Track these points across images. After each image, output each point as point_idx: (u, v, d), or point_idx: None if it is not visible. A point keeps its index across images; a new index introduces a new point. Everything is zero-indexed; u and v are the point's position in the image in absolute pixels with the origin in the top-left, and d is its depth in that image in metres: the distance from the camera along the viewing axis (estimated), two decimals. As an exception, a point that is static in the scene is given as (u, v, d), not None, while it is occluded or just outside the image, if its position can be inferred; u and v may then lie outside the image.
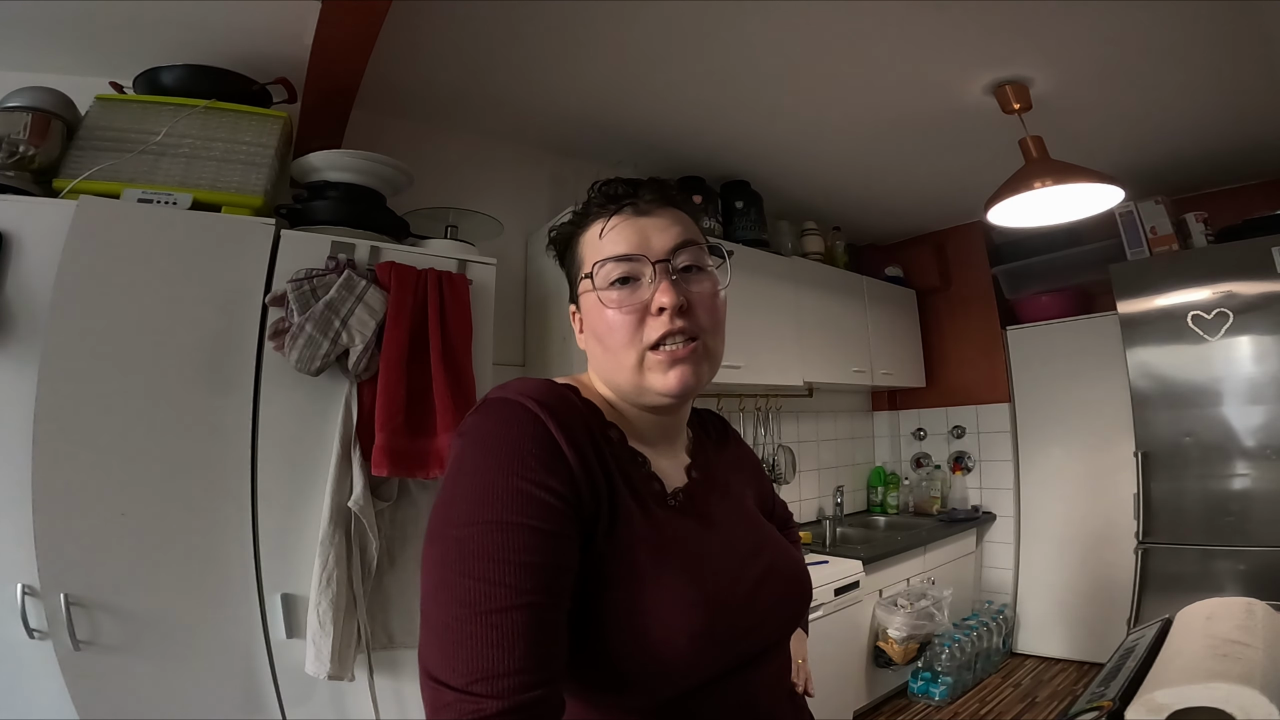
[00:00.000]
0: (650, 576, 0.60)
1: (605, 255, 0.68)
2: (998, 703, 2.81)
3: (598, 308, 0.68)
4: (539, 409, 0.60)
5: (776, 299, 2.85)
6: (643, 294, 0.66)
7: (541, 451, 0.57)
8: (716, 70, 2.03)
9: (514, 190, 2.47)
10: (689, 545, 0.65)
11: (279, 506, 1.42)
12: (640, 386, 0.68)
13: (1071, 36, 1.88)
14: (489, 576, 0.52)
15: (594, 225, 0.71)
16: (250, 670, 1.37)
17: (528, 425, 0.59)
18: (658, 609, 0.58)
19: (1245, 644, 0.77)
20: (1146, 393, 2.65)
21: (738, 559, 0.68)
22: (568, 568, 0.56)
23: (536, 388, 0.63)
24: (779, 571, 0.71)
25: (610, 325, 0.67)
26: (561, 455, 0.58)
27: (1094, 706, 0.74)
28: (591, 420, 0.65)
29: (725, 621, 0.62)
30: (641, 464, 0.68)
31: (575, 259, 0.73)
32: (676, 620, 0.58)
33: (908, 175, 2.98)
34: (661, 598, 0.59)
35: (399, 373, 1.49)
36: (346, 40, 1.53)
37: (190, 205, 1.44)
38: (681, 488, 0.71)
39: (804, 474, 3.42)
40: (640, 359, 0.67)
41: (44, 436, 1.22)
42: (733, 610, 0.63)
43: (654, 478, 0.69)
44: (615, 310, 0.66)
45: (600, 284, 0.67)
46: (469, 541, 0.54)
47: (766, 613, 0.68)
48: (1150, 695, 0.71)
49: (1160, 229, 2.76)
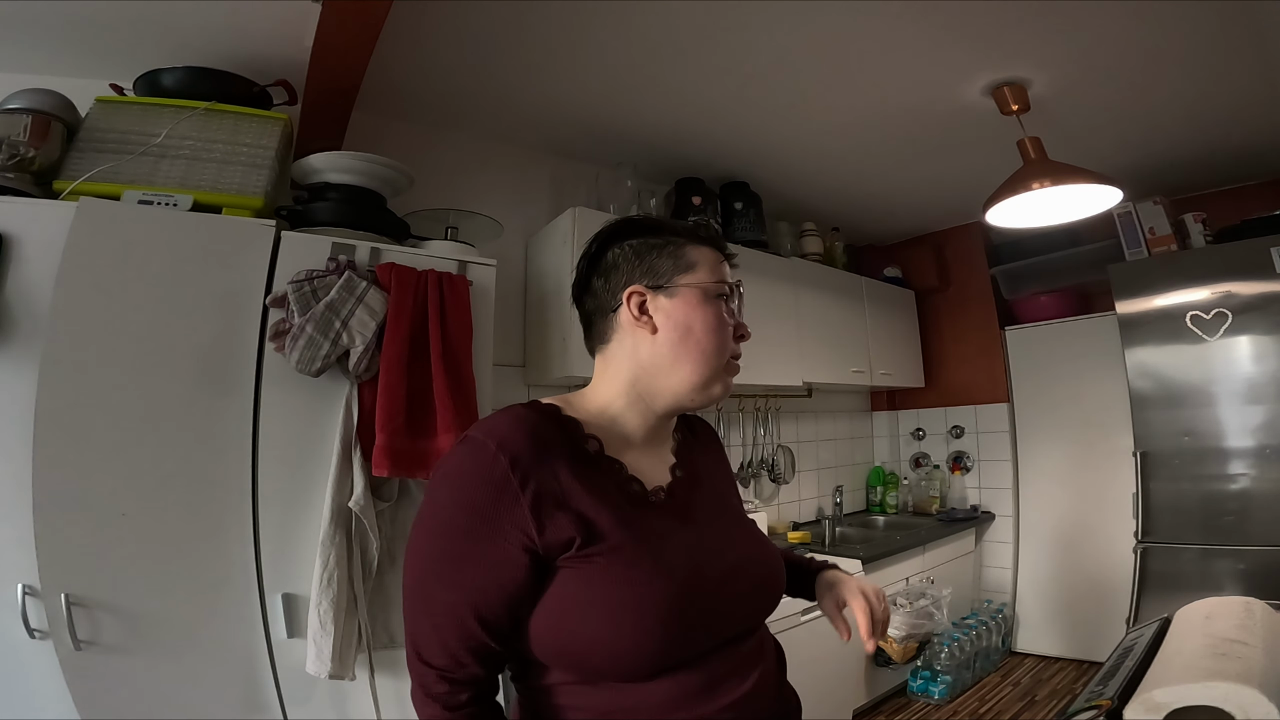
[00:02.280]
0: (626, 570, 0.68)
1: (719, 277, 0.81)
2: (997, 701, 2.81)
3: (710, 306, 0.79)
4: (501, 451, 0.69)
5: (776, 300, 2.85)
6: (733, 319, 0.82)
7: (496, 494, 0.67)
8: (716, 72, 2.03)
9: (514, 192, 2.47)
10: (666, 539, 0.73)
11: (280, 506, 1.43)
12: (710, 385, 0.80)
13: (1070, 38, 1.89)
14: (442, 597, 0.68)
15: (712, 248, 0.83)
16: (251, 670, 1.37)
17: (486, 468, 0.68)
18: (634, 600, 0.67)
19: (1244, 643, 0.78)
20: (1145, 393, 2.66)
21: (714, 550, 0.77)
22: (505, 588, 0.67)
23: (507, 427, 0.72)
24: (755, 561, 0.80)
25: (710, 329, 0.79)
26: (515, 495, 0.67)
27: (1093, 705, 0.74)
28: (568, 439, 0.74)
29: (698, 606, 0.70)
30: (619, 469, 0.76)
31: (680, 257, 0.80)
32: (650, 608, 0.67)
33: (906, 176, 2.98)
34: (636, 591, 0.68)
35: (399, 373, 1.50)
36: (347, 42, 1.53)
37: (191, 207, 1.44)
38: (664, 485, 0.80)
39: (803, 474, 3.42)
40: (724, 365, 0.80)
41: (44, 437, 1.22)
42: (705, 596, 0.71)
43: (632, 480, 0.77)
44: (722, 319, 0.80)
45: (713, 293, 0.80)
46: (430, 561, 0.69)
47: (741, 599, 0.76)
48: (1149, 694, 0.72)
49: (1159, 229, 2.77)
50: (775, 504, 3.27)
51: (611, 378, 0.81)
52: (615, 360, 0.81)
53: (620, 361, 0.81)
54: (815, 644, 2.32)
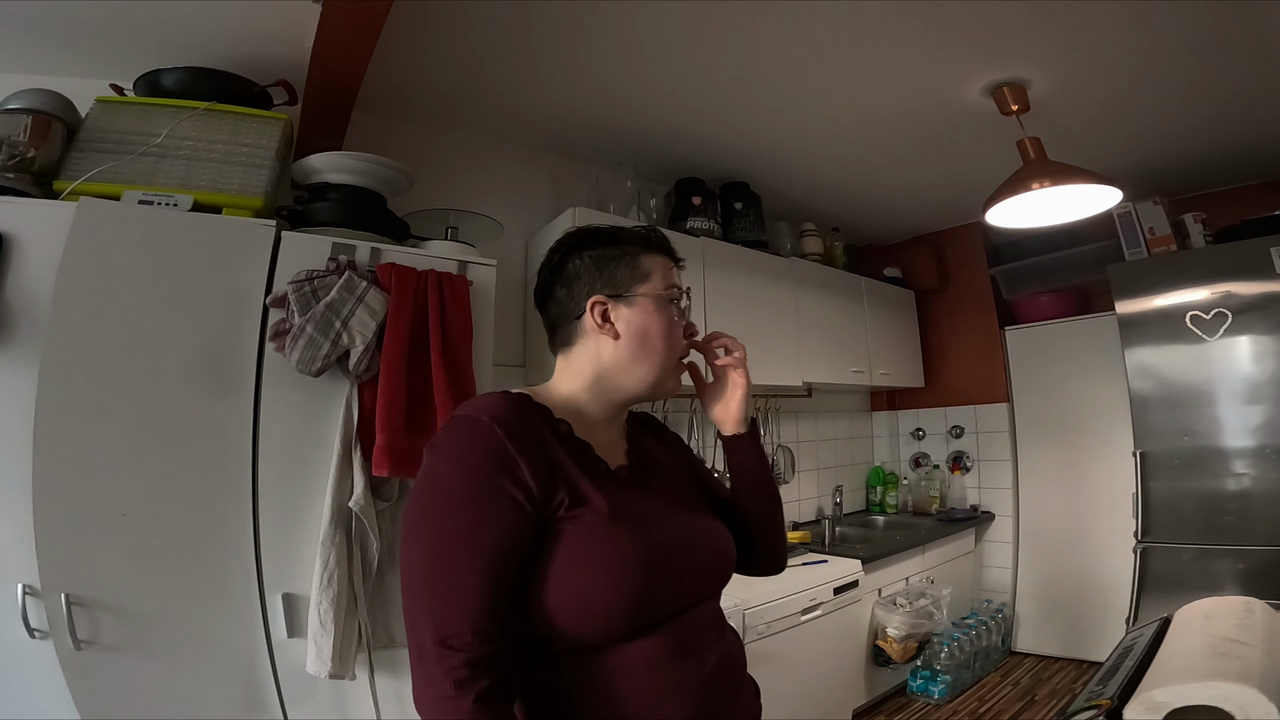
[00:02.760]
0: (611, 530, 0.76)
1: (671, 283, 0.91)
2: (996, 701, 2.82)
3: (663, 313, 0.88)
4: (494, 424, 0.75)
5: (775, 300, 2.85)
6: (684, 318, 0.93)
7: (498, 460, 0.73)
8: (716, 73, 2.03)
9: (514, 192, 2.47)
10: (637, 507, 0.82)
11: (280, 506, 1.43)
12: (664, 380, 0.89)
13: (1069, 38, 1.89)
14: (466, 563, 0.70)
15: (664, 256, 0.92)
16: (251, 670, 1.37)
17: (485, 438, 0.74)
18: (620, 553, 0.75)
19: (1244, 643, 0.78)
20: (1145, 393, 2.66)
21: (674, 520, 0.86)
22: (518, 549, 0.73)
23: (494, 405, 0.78)
24: (711, 533, 0.90)
25: (668, 328, 0.89)
26: (514, 461, 0.74)
27: (1093, 705, 0.74)
28: (542, 420, 0.81)
29: (669, 568, 0.79)
30: (587, 449, 0.84)
31: (636, 267, 0.89)
32: (634, 562, 0.75)
33: (906, 176, 2.98)
34: (621, 545, 0.75)
35: (400, 373, 1.50)
36: (347, 42, 1.53)
37: (191, 207, 1.44)
38: (624, 466, 0.88)
39: (803, 474, 3.42)
40: (675, 363, 0.91)
41: (44, 436, 1.22)
42: (671, 558, 0.80)
43: (599, 459, 0.84)
44: (675, 319, 0.90)
45: (669, 296, 0.90)
46: (441, 536, 0.72)
47: (700, 566, 0.85)
48: (1149, 693, 0.72)
49: (1158, 229, 2.77)
50: (775, 504, 3.26)
51: (575, 375, 0.89)
52: (578, 361, 0.89)
53: (584, 362, 0.89)
54: (815, 644, 2.32)
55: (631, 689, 0.75)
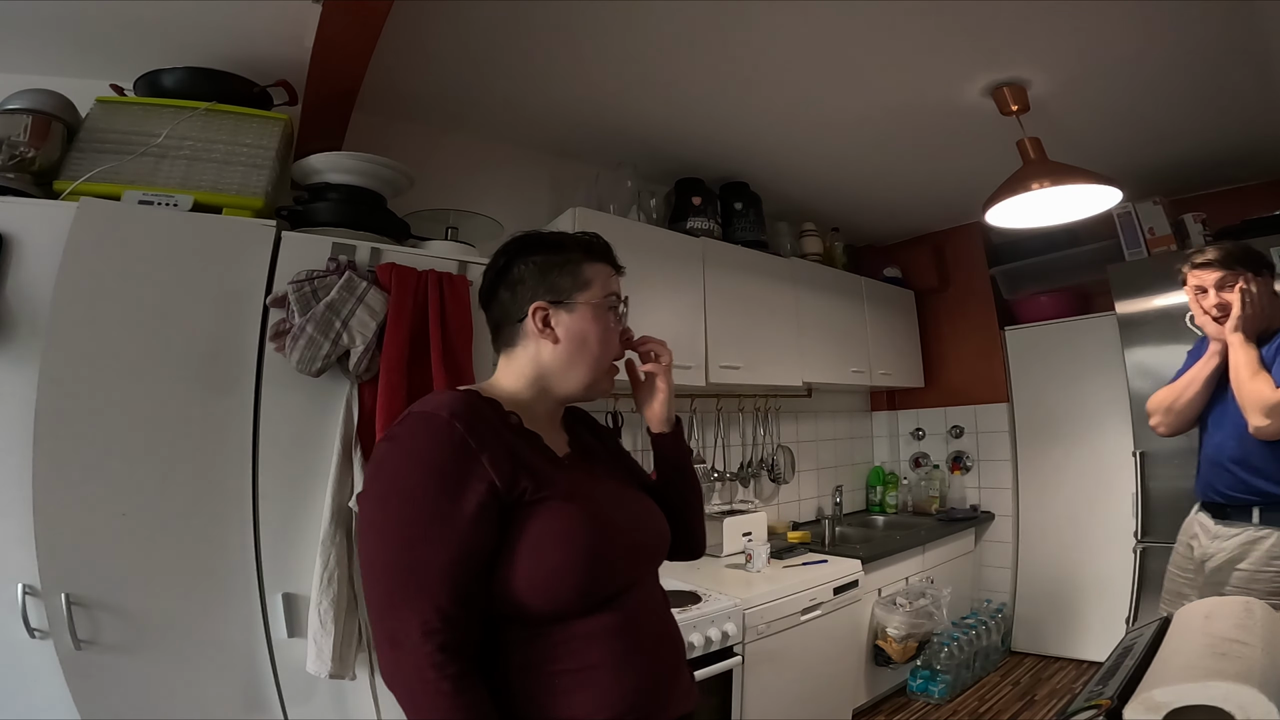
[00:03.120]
0: (571, 512, 0.82)
1: (609, 291, 0.96)
2: (996, 701, 2.82)
3: (601, 321, 0.94)
4: (454, 420, 0.79)
5: (775, 300, 2.85)
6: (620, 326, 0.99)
7: (461, 455, 0.78)
8: (716, 72, 2.03)
9: (514, 192, 2.47)
10: (588, 491, 0.88)
11: (280, 506, 1.43)
12: (598, 380, 0.96)
13: (1069, 38, 1.89)
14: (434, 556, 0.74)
15: (606, 264, 0.97)
16: (251, 669, 1.37)
17: (447, 435, 0.79)
18: (582, 532, 0.81)
19: (1243, 643, 0.78)
20: (1145, 392, 2.63)
21: (617, 503, 0.92)
22: (485, 537, 0.77)
23: (451, 401, 0.82)
24: (649, 513, 0.98)
25: (605, 333, 0.95)
26: (476, 455, 0.78)
27: (1092, 705, 0.74)
28: (496, 412, 0.86)
29: (620, 544, 0.86)
30: (537, 439, 0.90)
31: (578, 275, 0.94)
32: (595, 539, 0.82)
33: (906, 176, 2.98)
34: (582, 525, 0.82)
35: (400, 373, 1.50)
36: (347, 43, 1.53)
37: (191, 207, 1.44)
38: (569, 455, 0.94)
39: (803, 474, 3.42)
40: (609, 366, 0.97)
41: (44, 436, 1.22)
42: (622, 534, 0.87)
43: (547, 448, 0.90)
44: (612, 326, 0.96)
45: (607, 304, 0.95)
46: (408, 527, 0.75)
47: (641, 544, 0.93)
48: (1149, 693, 0.72)
49: (1158, 229, 2.77)
50: (775, 504, 3.27)
51: (516, 374, 0.95)
52: (519, 361, 0.95)
53: (524, 362, 0.94)
54: (815, 644, 2.32)
55: (599, 655, 0.81)
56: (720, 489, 2.96)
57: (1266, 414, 1.55)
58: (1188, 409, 1.83)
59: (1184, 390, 1.83)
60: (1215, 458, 1.75)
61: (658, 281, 2.37)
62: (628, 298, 1.01)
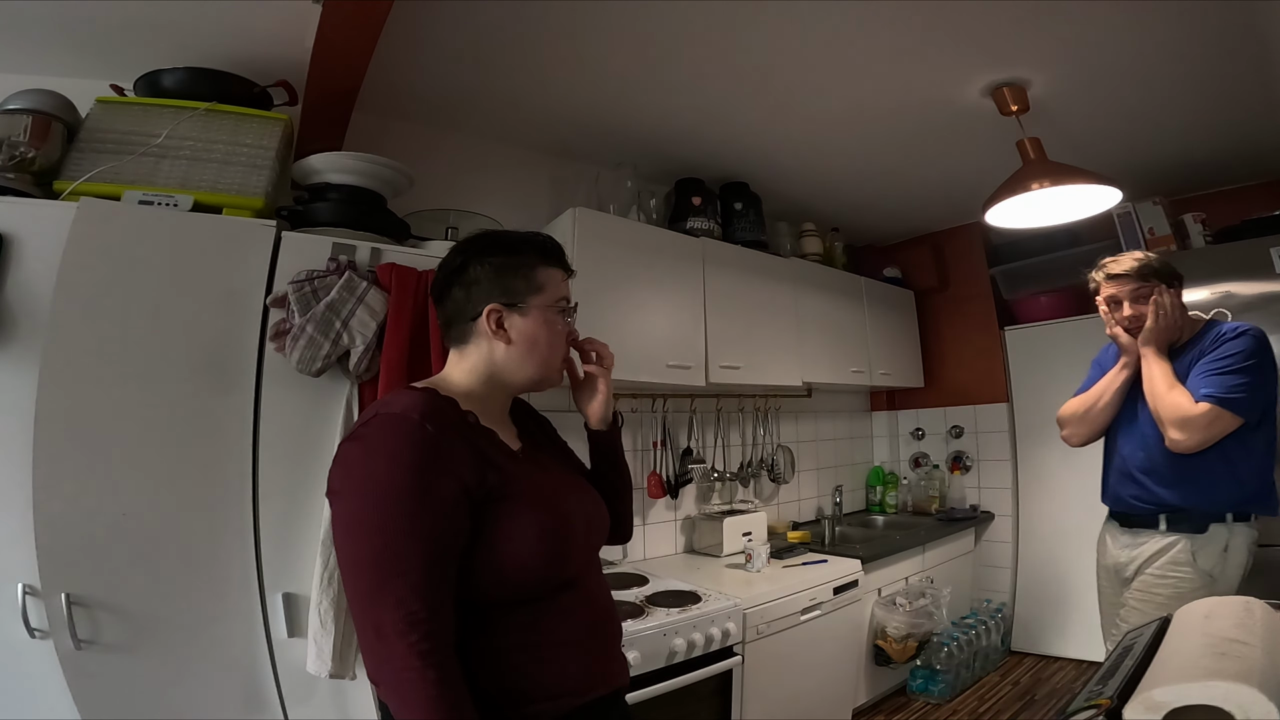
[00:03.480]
0: (530, 499, 0.89)
1: (560, 295, 1.01)
2: (996, 700, 2.82)
3: (551, 324, 0.99)
4: (425, 421, 0.84)
5: (775, 300, 2.85)
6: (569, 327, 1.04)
7: (434, 457, 0.82)
8: (716, 73, 2.03)
9: (514, 192, 2.47)
10: (542, 479, 0.96)
11: (280, 506, 1.43)
12: (548, 376, 1.01)
13: (1069, 39, 1.89)
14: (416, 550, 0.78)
15: (558, 269, 1.02)
16: (252, 669, 1.38)
17: (420, 437, 0.83)
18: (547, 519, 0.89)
19: (1244, 642, 0.78)
20: (1144, 393, 2.65)
21: (566, 492, 0.99)
22: (459, 531, 0.82)
23: (419, 403, 0.86)
24: (592, 499, 1.04)
25: (552, 334, 1.00)
26: (448, 455, 0.84)
27: (1092, 704, 0.74)
28: (456, 411, 0.91)
29: (576, 527, 0.94)
30: (492, 434, 0.94)
31: (532, 280, 0.98)
32: (557, 524, 0.89)
33: (906, 177, 2.98)
34: (545, 512, 0.89)
35: (400, 373, 1.50)
36: (347, 43, 1.53)
37: (191, 207, 1.44)
38: (521, 448, 1.00)
39: (803, 474, 3.42)
40: (558, 363, 1.03)
41: (44, 436, 1.22)
42: (569, 523, 0.93)
43: (503, 444, 0.95)
44: (560, 328, 1.01)
45: (556, 308, 1.00)
46: (389, 522, 0.79)
47: (594, 528, 1.01)
48: (1148, 693, 0.72)
49: (1158, 230, 2.77)
50: (775, 504, 3.27)
51: (469, 371, 0.99)
52: (472, 358, 0.99)
53: (477, 360, 0.98)
54: (815, 644, 2.32)
55: (559, 634, 0.89)
56: (720, 489, 2.96)
57: (1184, 428, 1.55)
58: (1099, 418, 1.85)
59: (1096, 401, 1.85)
60: (1123, 468, 1.76)
61: (658, 281, 2.37)
62: (577, 303, 1.06)
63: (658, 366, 2.29)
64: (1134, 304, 1.74)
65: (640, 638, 1.74)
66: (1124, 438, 1.78)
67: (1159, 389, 1.62)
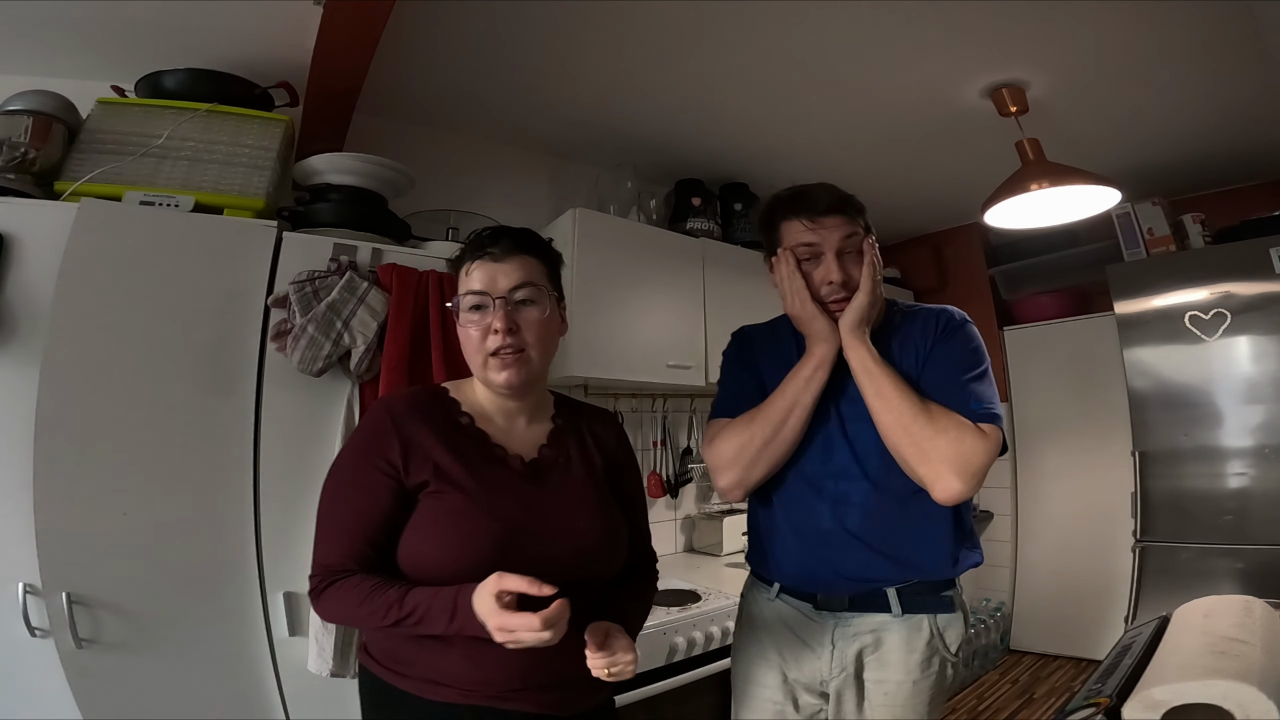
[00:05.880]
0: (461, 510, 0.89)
1: (466, 289, 0.97)
2: (995, 699, 2.82)
3: (464, 325, 0.97)
4: (387, 411, 0.94)
5: (776, 300, 2.83)
6: (488, 318, 0.94)
7: (375, 440, 0.92)
8: (715, 74, 2.03)
9: (515, 193, 2.47)
10: (506, 491, 0.93)
11: (281, 505, 1.43)
12: (485, 380, 0.98)
13: (1068, 39, 1.89)
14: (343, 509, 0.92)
15: (465, 264, 0.99)
16: (252, 668, 1.38)
17: (373, 420, 0.95)
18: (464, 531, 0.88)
19: (1243, 641, 0.78)
20: (1144, 393, 2.66)
21: (554, 511, 0.95)
22: (382, 507, 0.90)
23: (402, 395, 0.99)
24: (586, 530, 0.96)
25: (466, 337, 0.97)
26: (389, 443, 0.91)
27: (1091, 703, 0.74)
28: (446, 411, 0.97)
29: (526, 547, 0.89)
30: (483, 438, 0.97)
31: (460, 279, 0.99)
32: (478, 539, 0.88)
33: (905, 177, 2.98)
34: (467, 524, 0.89)
35: (401, 373, 1.50)
36: (348, 44, 1.54)
37: (192, 208, 1.44)
38: (525, 455, 0.99)
39: (803, 474, 3.42)
40: (484, 361, 0.96)
41: (45, 436, 1.22)
42: (534, 541, 0.90)
43: (496, 446, 0.97)
44: (468, 328, 0.96)
45: (462, 308, 0.97)
46: (333, 490, 0.94)
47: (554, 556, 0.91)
48: (1147, 692, 0.72)
49: (1157, 230, 2.77)
50: (775, 504, 3.27)
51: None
52: None
53: None
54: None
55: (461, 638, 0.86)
56: (720, 489, 2.96)
57: (966, 473, 1.00)
58: (783, 450, 1.14)
59: (779, 426, 1.13)
60: (821, 525, 1.13)
61: (658, 282, 2.37)
62: (471, 292, 0.96)
63: (658, 366, 2.29)
64: (841, 260, 1.17)
65: (640, 636, 1.73)
66: (817, 479, 1.17)
67: (902, 410, 1.05)
